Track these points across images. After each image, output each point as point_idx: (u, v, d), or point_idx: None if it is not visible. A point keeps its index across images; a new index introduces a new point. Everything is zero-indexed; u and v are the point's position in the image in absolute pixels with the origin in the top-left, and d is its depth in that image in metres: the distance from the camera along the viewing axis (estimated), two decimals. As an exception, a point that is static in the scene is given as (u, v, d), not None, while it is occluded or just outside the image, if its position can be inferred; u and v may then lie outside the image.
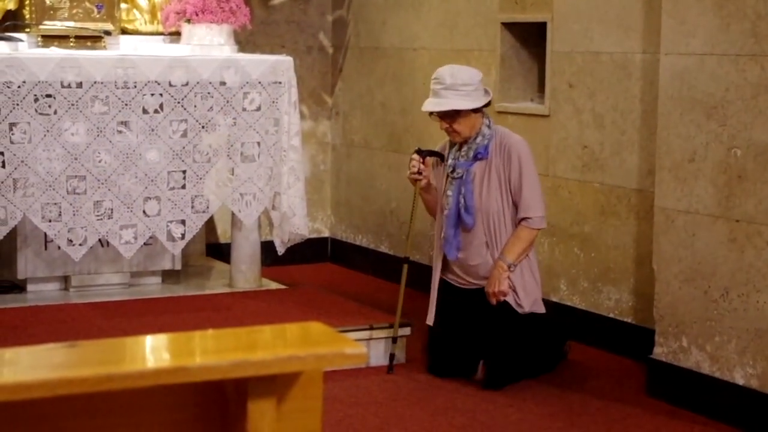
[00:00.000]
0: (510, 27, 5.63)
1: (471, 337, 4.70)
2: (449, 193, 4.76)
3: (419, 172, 4.78)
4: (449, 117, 4.69)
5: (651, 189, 4.70)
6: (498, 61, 5.66)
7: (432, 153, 4.87)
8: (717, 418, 4.23)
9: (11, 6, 5.72)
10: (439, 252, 4.85)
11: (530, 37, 5.59)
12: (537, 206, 4.67)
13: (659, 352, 4.50)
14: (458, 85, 4.64)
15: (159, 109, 5.25)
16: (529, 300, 4.69)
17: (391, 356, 4.80)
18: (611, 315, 5.11)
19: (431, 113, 4.76)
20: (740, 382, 4.17)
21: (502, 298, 4.64)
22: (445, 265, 4.85)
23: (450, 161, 4.80)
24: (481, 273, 4.73)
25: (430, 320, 4.83)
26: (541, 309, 4.75)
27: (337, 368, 4.62)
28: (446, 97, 4.65)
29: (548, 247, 5.43)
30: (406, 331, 4.90)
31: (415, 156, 4.81)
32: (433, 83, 4.71)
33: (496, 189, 4.69)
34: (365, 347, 1.98)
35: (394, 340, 4.82)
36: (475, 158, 4.72)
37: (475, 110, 4.69)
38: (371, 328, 4.87)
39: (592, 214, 5.20)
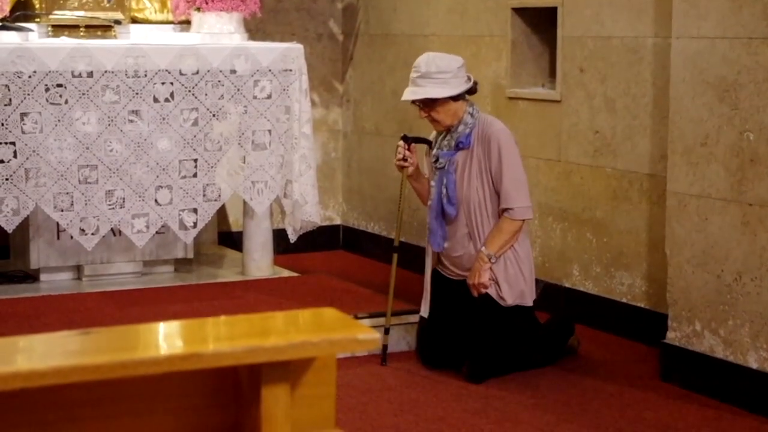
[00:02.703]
0: (520, 12, 5.61)
1: (459, 328, 4.63)
2: (433, 183, 4.68)
3: (405, 159, 4.69)
4: (427, 106, 4.57)
5: (663, 173, 4.68)
6: (509, 47, 5.64)
7: (418, 140, 4.77)
8: (731, 403, 4.22)
9: (21, -4, 5.73)
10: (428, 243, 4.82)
11: (541, 22, 5.57)
12: (518, 197, 4.52)
13: (672, 336, 4.49)
14: (433, 73, 4.51)
15: (170, 98, 5.25)
16: (513, 294, 4.55)
17: (384, 347, 4.71)
18: (624, 300, 5.10)
19: (412, 102, 4.64)
20: (754, 365, 4.16)
21: (483, 291, 4.53)
22: (438, 256, 4.78)
23: (434, 151, 4.70)
24: (465, 264, 4.62)
25: (424, 311, 4.76)
26: (527, 303, 4.61)
27: (350, 355, 4.65)
28: (422, 86, 4.54)
29: (560, 233, 5.42)
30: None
31: (401, 143, 4.71)
32: (411, 72, 4.61)
33: (477, 179, 4.56)
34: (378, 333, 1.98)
35: (387, 330, 4.73)
36: (457, 147, 4.60)
37: (456, 98, 4.56)
38: (384, 315, 4.86)
39: (605, 199, 5.18)
